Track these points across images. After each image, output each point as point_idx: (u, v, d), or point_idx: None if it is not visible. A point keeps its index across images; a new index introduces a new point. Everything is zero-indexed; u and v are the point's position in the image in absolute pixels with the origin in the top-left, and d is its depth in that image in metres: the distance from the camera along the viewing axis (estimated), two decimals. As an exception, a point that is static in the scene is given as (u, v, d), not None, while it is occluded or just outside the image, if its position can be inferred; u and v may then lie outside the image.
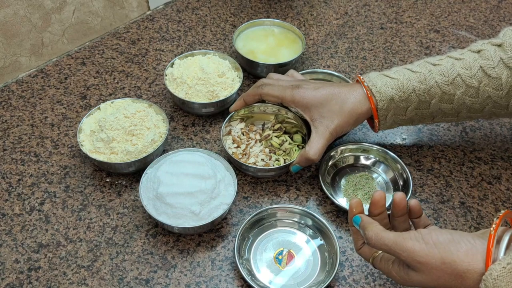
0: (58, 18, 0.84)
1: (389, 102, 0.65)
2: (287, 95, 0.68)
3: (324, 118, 0.66)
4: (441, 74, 0.65)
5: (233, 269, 0.62)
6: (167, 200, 0.61)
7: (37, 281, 0.60)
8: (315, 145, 0.66)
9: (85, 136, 0.70)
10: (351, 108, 0.66)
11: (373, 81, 0.66)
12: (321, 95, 0.67)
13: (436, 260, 0.45)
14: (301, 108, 0.68)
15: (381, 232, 0.48)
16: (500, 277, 0.42)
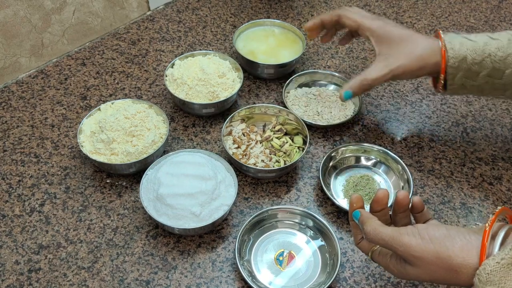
0: (58, 19, 0.84)
1: (461, 61, 0.63)
2: (366, 22, 0.69)
3: (390, 56, 0.66)
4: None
5: (234, 270, 0.62)
6: (168, 201, 0.61)
7: (37, 282, 0.60)
8: (372, 73, 0.67)
9: (85, 137, 0.70)
10: (420, 54, 0.65)
11: (451, 38, 0.65)
12: (398, 33, 0.67)
13: (431, 255, 0.45)
14: (375, 38, 0.68)
15: (379, 227, 0.49)
16: (493, 271, 0.42)
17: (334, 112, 0.79)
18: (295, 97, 0.81)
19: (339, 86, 0.83)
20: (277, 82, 0.86)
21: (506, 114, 0.83)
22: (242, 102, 0.82)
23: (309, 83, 0.84)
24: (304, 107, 0.79)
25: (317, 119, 0.78)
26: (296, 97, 0.81)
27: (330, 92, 0.82)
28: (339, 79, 0.83)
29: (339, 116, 0.78)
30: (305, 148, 0.70)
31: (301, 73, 0.83)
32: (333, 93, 0.82)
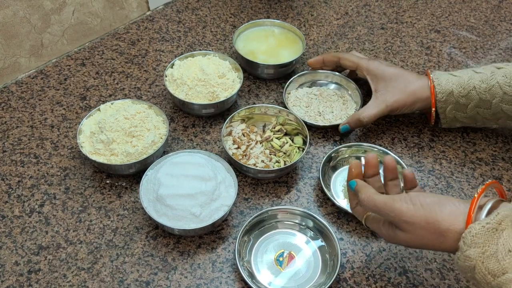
0: (58, 19, 0.84)
1: (448, 95, 0.70)
2: (363, 63, 0.76)
3: (386, 91, 0.73)
4: (504, 75, 0.68)
5: (234, 271, 0.62)
6: (168, 202, 0.61)
7: (37, 283, 0.59)
8: (369, 110, 0.73)
9: (85, 137, 0.70)
10: (413, 90, 0.72)
11: (438, 75, 0.72)
12: (392, 71, 0.74)
13: (421, 220, 0.48)
14: (371, 77, 0.75)
15: (373, 195, 0.53)
16: (478, 234, 0.44)
17: (336, 112, 0.79)
18: (296, 97, 0.81)
19: (340, 85, 0.83)
20: (277, 82, 0.86)
21: (506, 114, 0.83)
22: (242, 102, 0.82)
23: (309, 83, 0.84)
24: (305, 108, 0.79)
25: (318, 119, 0.78)
26: (297, 98, 0.81)
27: (331, 92, 0.82)
28: (339, 78, 0.83)
29: (340, 115, 0.78)
30: (305, 149, 0.70)
31: (301, 73, 0.83)
32: (334, 93, 0.82)
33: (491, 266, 0.43)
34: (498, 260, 0.43)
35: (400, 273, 0.62)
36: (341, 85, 0.83)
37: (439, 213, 0.48)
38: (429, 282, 0.61)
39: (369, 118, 0.73)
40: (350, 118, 0.74)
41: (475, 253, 0.44)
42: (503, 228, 0.44)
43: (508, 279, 0.42)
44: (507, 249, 0.43)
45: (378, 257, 0.64)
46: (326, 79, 0.84)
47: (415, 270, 0.62)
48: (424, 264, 0.63)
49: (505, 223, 0.44)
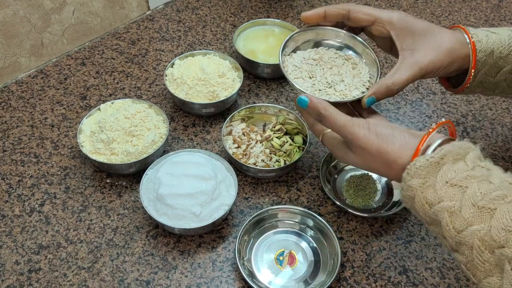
0: (58, 19, 0.84)
1: (488, 55, 0.59)
2: (384, 14, 0.60)
3: (417, 50, 0.58)
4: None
5: (234, 270, 0.62)
6: (168, 201, 0.61)
7: (37, 282, 0.59)
8: (399, 74, 0.57)
9: (85, 137, 0.70)
10: (450, 46, 0.58)
11: (476, 32, 0.59)
12: (423, 24, 0.59)
13: (373, 148, 0.51)
14: (396, 31, 0.59)
15: (335, 114, 0.54)
16: (421, 167, 0.46)
17: (347, 81, 0.61)
18: (294, 66, 0.63)
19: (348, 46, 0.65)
20: (277, 81, 0.86)
21: (507, 113, 0.83)
22: (242, 101, 0.82)
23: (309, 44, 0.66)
24: (309, 80, 0.61)
25: (331, 93, 0.60)
26: (296, 67, 0.63)
27: (332, 53, 0.64)
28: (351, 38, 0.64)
29: (354, 84, 0.61)
30: (305, 148, 0.70)
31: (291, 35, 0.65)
32: (336, 54, 0.64)
33: (429, 196, 0.46)
34: (436, 190, 0.45)
35: (400, 272, 0.62)
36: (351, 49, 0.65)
37: (390, 145, 0.50)
38: (429, 281, 0.61)
39: (401, 84, 0.57)
40: (376, 86, 0.58)
41: (416, 183, 0.47)
42: (444, 163, 0.46)
43: (442, 207, 0.45)
44: (444, 181, 0.45)
45: (378, 256, 0.64)
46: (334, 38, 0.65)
47: (415, 269, 0.62)
48: (424, 263, 0.63)
49: (447, 158, 0.46)
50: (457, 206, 0.44)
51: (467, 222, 0.43)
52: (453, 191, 0.45)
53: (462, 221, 0.44)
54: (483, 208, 0.43)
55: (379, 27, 0.60)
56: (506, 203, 0.43)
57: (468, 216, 0.43)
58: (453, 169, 0.46)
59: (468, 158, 0.46)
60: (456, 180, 0.45)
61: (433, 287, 0.61)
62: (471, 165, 0.46)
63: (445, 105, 0.84)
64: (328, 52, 0.64)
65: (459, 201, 0.44)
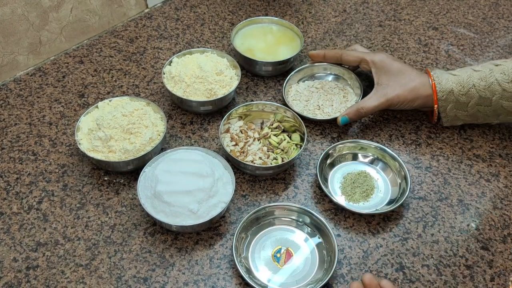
0: (56, 17, 0.84)
1: (449, 94, 0.72)
2: (368, 56, 0.77)
3: (388, 86, 0.75)
4: (502, 72, 0.70)
5: (231, 267, 0.62)
6: (165, 198, 0.61)
7: (35, 279, 0.60)
8: (370, 102, 0.74)
9: (83, 134, 0.70)
10: (414, 86, 0.73)
11: (438, 74, 0.74)
12: (396, 66, 0.76)
13: None
14: (376, 69, 0.76)
15: None
16: None
17: (335, 105, 0.79)
18: (296, 91, 0.81)
19: (339, 76, 0.84)
20: (275, 79, 0.86)
21: (504, 111, 0.83)
22: (240, 99, 0.82)
23: (308, 77, 0.84)
24: (304, 102, 0.79)
25: (317, 113, 0.78)
26: (298, 92, 0.81)
27: (333, 84, 0.82)
28: (338, 69, 0.83)
29: (340, 109, 0.78)
30: (302, 145, 0.70)
31: (299, 68, 0.83)
32: (335, 85, 0.82)
33: None
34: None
35: (397, 269, 0.62)
36: (340, 76, 0.84)
37: None
38: (425, 278, 0.62)
39: (368, 109, 0.74)
40: (349, 109, 0.75)
41: None
42: None
43: None
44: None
45: (375, 253, 0.64)
46: (325, 71, 0.85)
47: (411, 266, 0.63)
48: (421, 260, 0.63)
49: None
50: None
51: None
52: None
53: None
54: None
55: (365, 65, 0.79)
56: None
57: None
58: None
59: None
60: None
61: (429, 283, 0.61)
62: None
63: (442, 102, 0.84)
64: (329, 83, 0.83)
65: None
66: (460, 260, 0.63)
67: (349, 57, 0.79)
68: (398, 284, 0.61)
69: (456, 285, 0.61)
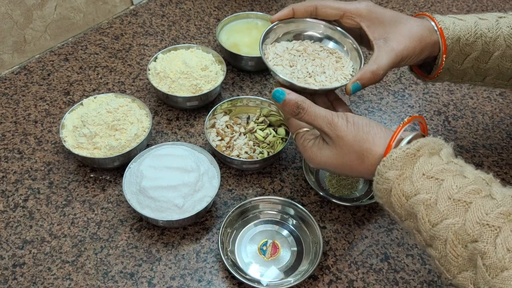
0: (40, 15, 0.84)
1: (455, 42, 0.60)
2: (352, 6, 0.61)
3: (389, 39, 0.59)
4: (509, 26, 0.60)
5: (218, 261, 0.62)
6: (150, 193, 0.61)
7: (22, 277, 0.60)
8: (380, 60, 0.58)
9: (68, 132, 0.70)
10: (420, 34, 0.59)
11: (442, 17, 0.61)
12: (390, 13, 0.61)
13: (350, 136, 0.51)
14: (366, 23, 0.61)
15: (315, 107, 0.54)
16: (398, 158, 0.47)
17: (328, 72, 0.61)
18: (275, 54, 0.62)
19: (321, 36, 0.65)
20: (260, 74, 0.86)
21: (487, 102, 0.84)
22: (226, 94, 0.83)
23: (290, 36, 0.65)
24: (289, 68, 0.61)
25: (310, 82, 0.60)
26: (277, 55, 0.62)
27: (317, 46, 0.64)
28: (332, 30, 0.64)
29: (336, 77, 0.61)
30: (288, 139, 0.71)
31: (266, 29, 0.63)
32: (321, 48, 0.64)
33: (406, 188, 0.46)
34: (412, 182, 0.46)
35: (382, 259, 0.63)
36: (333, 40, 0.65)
37: (366, 133, 0.51)
38: (410, 267, 0.62)
39: (384, 69, 0.58)
40: (360, 73, 0.58)
41: (393, 175, 0.47)
42: (420, 155, 0.47)
43: (418, 200, 0.45)
44: (421, 173, 0.46)
45: (360, 244, 0.64)
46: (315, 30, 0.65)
47: (396, 256, 0.63)
48: (405, 250, 0.64)
49: (423, 150, 0.47)
50: (433, 198, 0.44)
51: (442, 215, 0.44)
52: (429, 183, 0.45)
53: (437, 214, 0.44)
54: (458, 202, 0.43)
55: (349, 20, 0.61)
56: (481, 197, 0.43)
57: (444, 209, 0.44)
58: (429, 161, 0.46)
59: (443, 154, 0.47)
60: (433, 172, 0.45)
61: (414, 273, 0.62)
62: (445, 160, 0.47)
63: (427, 95, 0.84)
64: (313, 45, 0.64)
65: (435, 194, 0.45)
66: (444, 249, 0.64)
67: (328, 10, 0.62)
68: (383, 274, 0.62)
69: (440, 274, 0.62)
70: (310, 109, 0.53)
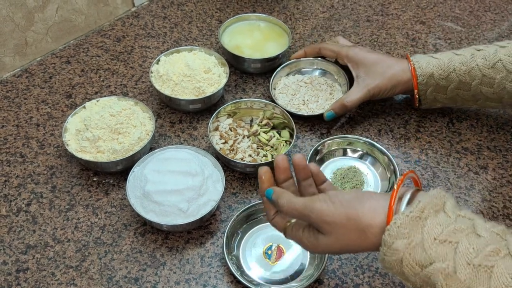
0: (42, 17, 0.83)
1: (429, 78, 0.72)
2: (343, 51, 0.78)
3: (367, 77, 0.75)
4: (483, 58, 0.69)
5: (223, 265, 0.62)
6: (155, 198, 0.61)
7: (25, 282, 0.59)
8: (353, 95, 0.75)
9: (71, 135, 0.69)
10: (392, 73, 0.74)
11: (418, 58, 0.74)
12: (371, 57, 0.76)
13: (341, 217, 0.46)
14: (352, 64, 0.77)
15: (292, 198, 0.49)
16: (403, 224, 0.43)
17: (320, 101, 0.79)
18: (284, 85, 0.82)
19: (325, 71, 0.84)
20: (263, 76, 0.86)
21: (491, 103, 0.83)
22: (229, 97, 0.82)
23: (295, 72, 0.84)
24: (291, 96, 0.80)
25: (302, 108, 0.78)
26: (286, 85, 0.82)
27: (322, 80, 0.83)
28: (323, 63, 0.84)
29: (325, 105, 0.79)
30: (292, 142, 0.70)
31: (285, 64, 0.83)
32: (324, 81, 0.83)
33: (418, 257, 0.42)
34: (425, 249, 0.42)
35: (387, 263, 0.63)
36: (327, 71, 0.84)
37: (360, 209, 0.46)
38: (416, 271, 0.62)
39: (352, 102, 0.74)
40: (334, 104, 0.75)
41: (402, 244, 0.43)
42: (426, 216, 0.43)
43: (435, 269, 0.42)
44: (432, 238, 0.42)
45: (365, 248, 0.64)
46: (311, 66, 0.85)
47: (402, 259, 0.63)
48: (411, 254, 0.64)
49: (427, 211, 0.44)
50: (451, 267, 0.41)
51: (464, 284, 0.40)
52: (443, 249, 0.42)
53: (459, 284, 0.41)
54: (479, 267, 0.40)
55: (341, 60, 0.80)
56: (501, 258, 0.40)
57: (465, 278, 0.40)
58: (437, 222, 0.43)
59: (448, 209, 0.44)
60: (444, 235, 0.42)
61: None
62: (453, 216, 0.44)
63: (430, 96, 0.84)
64: (318, 79, 0.83)
65: (452, 261, 0.41)
66: (450, 252, 0.64)
67: (327, 52, 0.81)
68: (389, 277, 0.61)
69: None
70: (288, 202, 0.49)
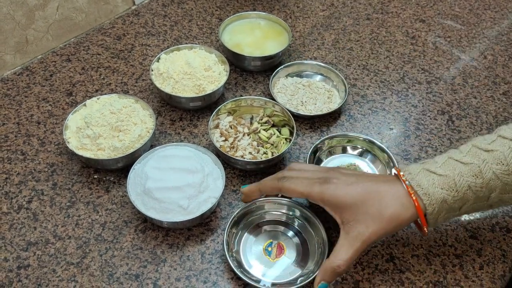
0: (42, 15, 0.84)
1: (441, 204, 0.53)
2: (315, 192, 0.56)
3: (357, 222, 0.54)
4: (499, 162, 0.53)
5: (223, 262, 0.62)
6: (155, 195, 0.61)
7: (26, 279, 0.60)
8: (342, 254, 0.54)
9: (71, 133, 0.70)
10: (391, 213, 0.53)
11: (417, 179, 0.54)
12: (356, 193, 0.54)
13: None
14: (331, 208, 0.55)
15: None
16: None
17: (318, 104, 0.79)
18: (283, 85, 0.82)
19: (326, 76, 0.84)
20: (263, 74, 0.86)
21: (491, 101, 0.84)
22: (229, 95, 0.82)
23: (295, 74, 0.85)
24: (289, 96, 0.80)
25: (300, 109, 0.79)
26: (284, 86, 0.82)
27: (320, 84, 0.83)
28: (325, 69, 0.84)
29: (322, 108, 0.79)
30: (292, 139, 0.71)
31: (287, 64, 0.83)
32: (322, 86, 0.83)
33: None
34: None
35: (387, 260, 0.63)
36: (328, 77, 0.84)
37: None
38: (415, 267, 0.62)
39: (346, 264, 0.53)
40: (322, 271, 0.55)
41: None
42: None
43: None
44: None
45: (365, 244, 0.64)
46: (312, 70, 0.85)
47: (401, 256, 0.63)
48: (411, 250, 0.64)
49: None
50: None
51: None
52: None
53: None
54: None
55: (315, 203, 0.57)
56: None
57: None
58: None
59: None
60: None
61: (419, 273, 0.62)
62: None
63: (430, 94, 0.84)
64: (317, 83, 0.83)
65: None
66: (449, 249, 0.64)
67: (292, 194, 0.58)
68: (388, 274, 0.62)
69: (445, 274, 0.62)
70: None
